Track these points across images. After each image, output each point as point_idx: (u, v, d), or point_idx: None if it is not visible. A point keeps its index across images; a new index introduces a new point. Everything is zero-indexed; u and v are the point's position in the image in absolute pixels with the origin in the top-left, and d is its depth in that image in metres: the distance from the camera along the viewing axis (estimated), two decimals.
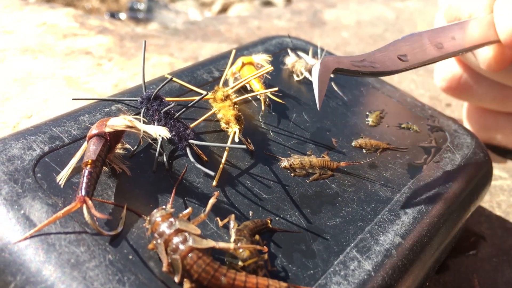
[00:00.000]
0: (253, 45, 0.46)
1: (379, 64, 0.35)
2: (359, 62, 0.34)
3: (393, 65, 0.36)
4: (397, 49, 0.37)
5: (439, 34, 0.40)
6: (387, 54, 0.36)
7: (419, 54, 0.37)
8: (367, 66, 0.34)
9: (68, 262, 0.24)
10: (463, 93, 0.54)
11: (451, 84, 0.54)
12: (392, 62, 0.36)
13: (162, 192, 0.30)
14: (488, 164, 0.40)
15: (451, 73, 0.54)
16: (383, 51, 0.36)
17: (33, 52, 0.60)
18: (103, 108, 0.34)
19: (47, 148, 0.30)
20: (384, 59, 0.35)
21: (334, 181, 0.34)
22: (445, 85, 0.54)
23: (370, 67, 0.34)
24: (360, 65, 0.34)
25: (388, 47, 0.36)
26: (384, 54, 0.36)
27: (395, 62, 0.36)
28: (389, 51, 0.36)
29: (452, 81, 0.54)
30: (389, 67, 0.35)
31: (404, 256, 0.30)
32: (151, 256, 0.26)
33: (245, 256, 0.26)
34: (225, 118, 0.34)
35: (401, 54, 0.36)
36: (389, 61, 0.36)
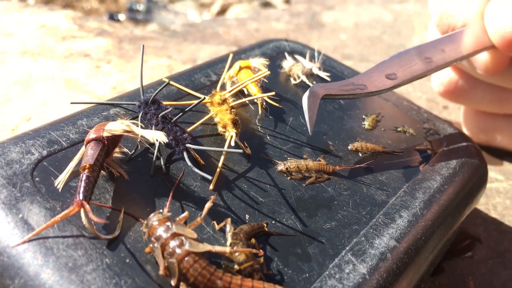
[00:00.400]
0: (250, 48, 0.47)
1: (367, 84, 0.36)
2: (347, 86, 0.35)
3: (381, 85, 0.37)
4: (385, 69, 0.38)
5: (427, 49, 0.41)
6: (375, 75, 0.37)
7: (407, 70, 0.38)
8: (355, 89, 0.36)
9: (66, 265, 0.25)
10: (461, 97, 0.55)
11: (448, 88, 0.54)
12: (380, 82, 0.37)
13: (160, 196, 0.30)
14: (483, 168, 0.41)
15: (448, 78, 0.54)
16: (371, 72, 0.37)
17: (32, 55, 0.60)
18: (101, 112, 0.35)
19: (46, 152, 0.30)
20: (371, 80, 0.37)
21: (330, 185, 0.34)
22: (442, 89, 0.55)
23: (358, 89, 0.36)
24: (348, 88, 0.35)
25: (375, 68, 0.38)
26: (372, 75, 0.37)
27: (383, 82, 0.37)
28: (376, 72, 0.37)
29: (449, 85, 0.54)
30: (377, 87, 0.37)
31: (399, 260, 0.30)
32: (148, 259, 0.26)
33: (241, 260, 0.26)
34: (222, 122, 0.34)
35: (388, 73, 0.38)
36: (377, 81, 0.37)
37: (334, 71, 0.47)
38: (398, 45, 0.84)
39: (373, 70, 0.37)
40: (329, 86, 0.35)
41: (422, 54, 0.40)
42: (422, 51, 0.40)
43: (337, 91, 0.35)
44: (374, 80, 0.37)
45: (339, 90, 0.35)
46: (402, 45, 0.84)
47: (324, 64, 0.47)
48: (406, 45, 0.84)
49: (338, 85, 0.35)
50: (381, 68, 0.38)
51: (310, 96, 0.33)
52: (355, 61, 0.77)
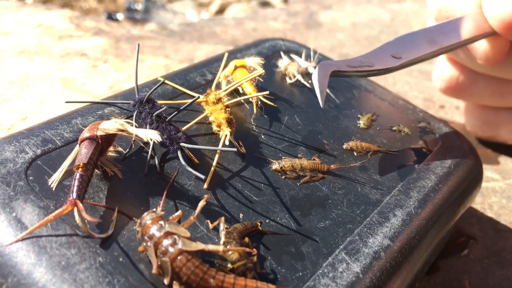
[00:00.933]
0: (246, 47, 0.47)
1: (374, 63, 0.37)
2: (355, 63, 0.37)
3: (388, 63, 0.38)
4: (391, 48, 0.39)
5: (432, 32, 0.42)
6: (381, 54, 0.38)
7: (412, 51, 0.39)
8: (362, 66, 0.37)
9: (59, 264, 0.25)
10: (462, 92, 0.55)
11: (449, 84, 0.55)
12: (386, 61, 0.38)
13: (154, 195, 0.30)
14: (478, 167, 0.41)
15: (448, 74, 0.54)
16: (377, 52, 0.38)
17: (29, 54, 0.60)
18: (96, 111, 0.35)
19: (40, 151, 0.30)
20: (378, 59, 0.38)
21: (324, 184, 0.34)
22: (444, 86, 0.55)
23: (365, 66, 0.37)
24: (356, 65, 0.36)
25: (382, 48, 0.39)
26: (378, 54, 0.38)
27: (390, 60, 0.38)
28: (383, 51, 0.38)
29: (450, 81, 0.54)
30: (384, 65, 0.38)
31: (392, 258, 0.30)
32: (141, 258, 0.26)
33: (234, 259, 0.26)
34: (217, 121, 0.34)
35: (395, 53, 0.38)
36: (384, 60, 0.38)
37: None
38: None
39: (379, 50, 0.39)
40: (337, 63, 0.36)
41: (427, 37, 0.41)
42: (427, 34, 0.41)
43: (345, 68, 0.36)
44: (381, 59, 0.38)
45: (347, 66, 0.36)
46: None
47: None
48: None
49: (345, 62, 0.36)
50: (387, 48, 0.39)
51: (320, 71, 0.35)
52: None
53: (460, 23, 0.44)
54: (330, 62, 0.36)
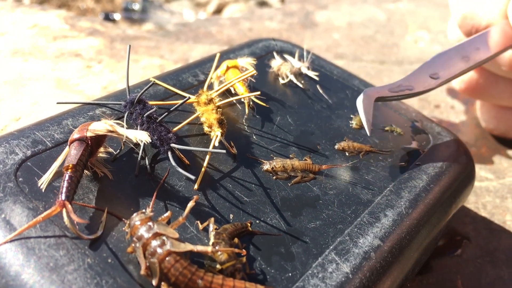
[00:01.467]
0: (239, 48, 0.47)
1: (414, 85, 0.40)
2: (396, 88, 0.39)
3: (426, 84, 0.40)
4: (428, 69, 0.41)
5: (464, 48, 0.44)
6: (420, 76, 0.41)
7: (448, 70, 0.42)
8: (403, 90, 0.39)
9: (47, 265, 0.25)
10: (481, 93, 0.57)
11: (469, 85, 0.56)
12: (425, 82, 0.40)
13: (144, 196, 0.30)
14: (471, 167, 0.41)
15: (468, 76, 0.56)
16: (416, 74, 0.41)
17: (23, 54, 0.60)
18: (87, 112, 0.35)
19: (30, 152, 0.30)
20: (417, 81, 0.40)
21: (315, 184, 0.34)
22: (463, 87, 0.57)
23: (406, 90, 0.39)
24: (398, 90, 0.39)
25: (420, 69, 0.41)
26: (417, 76, 0.41)
27: (428, 81, 0.40)
28: (421, 73, 0.41)
29: (470, 83, 0.56)
30: (423, 87, 0.40)
31: (382, 259, 0.30)
32: (130, 259, 0.26)
33: (223, 259, 0.26)
34: (208, 121, 0.34)
35: (432, 73, 0.41)
36: (422, 82, 0.40)
37: (323, 70, 0.47)
38: (392, 44, 0.84)
39: (418, 72, 0.41)
40: (380, 89, 0.38)
41: (460, 54, 0.43)
42: (460, 51, 0.44)
43: (388, 93, 0.38)
44: (420, 80, 0.40)
45: (389, 92, 0.38)
46: (395, 44, 0.84)
47: (313, 63, 0.47)
48: (399, 44, 0.84)
49: (388, 88, 0.39)
50: (424, 69, 0.41)
51: (365, 98, 0.37)
52: (348, 61, 0.77)
53: (488, 37, 0.46)
54: (373, 89, 0.38)
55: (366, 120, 0.36)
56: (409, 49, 0.83)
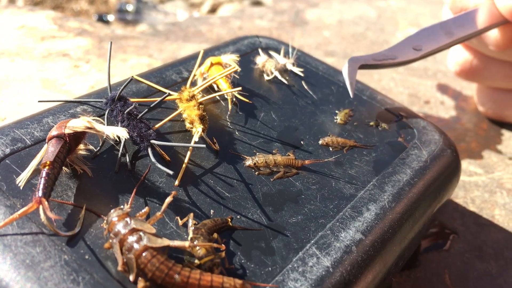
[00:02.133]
0: (224, 45, 0.47)
1: (397, 55, 0.41)
2: (380, 57, 0.41)
3: (409, 55, 0.42)
4: (411, 42, 0.43)
5: (449, 24, 0.46)
6: (403, 47, 0.42)
7: (431, 42, 0.43)
8: (387, 59, 0.41)
9: (23, 262, 0.25)
10: (476, 75, 0.59)
11: (463, 67, 0.58)
12: (408, 53, 0.42)
13: (124, 192, 0.30)
14: (456, 161, 0.41)
15: (463, 58, 0.58)
16: (400, 45, 0.42)
17: (10, 55, 0.60)
18: (67, 110, 0.34)
19: (9, 150, 0.30)
20: (401, 52, 0.42)
21: (298, 179, 0.34)
22: (458, 69, 0.59)
23: (389, 59, 0.41)
24: (381, 59, 0.40)
25: (404, 41, 0.43)
26: (401, 48, 0.42)
27: (411, 52, 0.42)
28: (404, 45, 0.42)
29: (465, 65, 0.58)
30: (406, 57, 0.41)
31: (364, 252, 0.30)
32: (108, 256, 0.26)
33: (201, 254, 0.26)
34: (190, 118, 0.34)
35: (415, 45, 0.42)
36: (406, 52, 0.42)
37: (308, 66, 0.47)
38: (382, 41, 0.84)
39: (402, 43, 0.42)
40: (364, 57, 0.40)
41: (444, 29, 0.45)
42: (444, 26, 0.45)
43: (372, 61, 0.40)
44: (403, 51, 0.42)
45: (373, 60, 0.40)
46: (386, 41, 0.84)
47: (299, 59, 0.47)
48: (390, 41, 0.84)
49: (372, 57, 0.40)
50: (408, 41, 0.43)
51: (350, 65, 0.39)
52: (338, 58, 0.77)
53: (474, 15, 0.47)
54: (358, 57, 0.40)
55: (349, 83, 0.38)
56: None
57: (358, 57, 0.40)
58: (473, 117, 0.65)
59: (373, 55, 0.41)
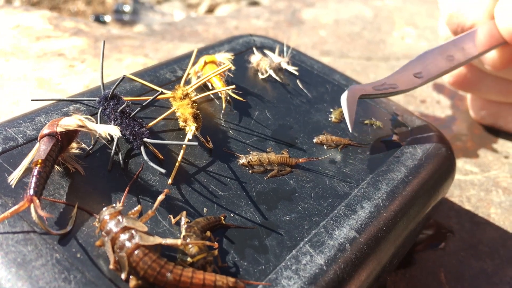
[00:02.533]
0: (219, 44, 0.47)
1: (398, 84, 0.40)
2: (380, 86, 0.40)
3: (410, 83, 0.41)
4: (412, 68, 0.42)
5: (449, 48, 0.45)
6: (404, 74, 0.41)
7: (432, 69, 0.42)
8: (387, 88, 0.40)
9: (15, 261, 0.24)
10: (469, 87, 0.59)
11: (457, 80, 0.58)
12: (409, 81, 0.41)
13: (117, 191, 0.30)
14: (451, 159, 0.41)
15: (457, 70, 0.57)
16: (400, 72, 0.41)
17: (5, 55, 0.60)
18: (60, 109, 0.34)
19: (0, 148, 0.30)
20: (401, 79, 0.41)
21: (292, 177, 0.34)
22: (452, 80, 0.59)
23: (390, 88, 0.40)
24: (382, 88, 0.39)
25: (404, 69, 0.42)
26: (401, 75, 0.41)
27: (412, 80, 0.41)
28: (405, 72, 0.42)
29: (459, 77, 0.58)
30: (407, 86, 0.41)
31: (358, 250, 0.30)
32: (100, 254, 0.26)
33: (193, 252, 0.26)
34: (183, 116, 0.34)
35: (416, 73, 0.42)
36: (406, 80, 0.41)
37: (303, 65, 0.47)
38: (378, 40, 0.84)
39: (402, 70, 0.41)
40: (364, 87, 0.39)
41: (444, 53, 0.44)
42: (444, 50, 0.44)
43: (372, 91, 0.39)
44: (404, 79, 0.41)
45: (373, 90, 0.39)
46: (382, 40, 0.84)
47: (294, 58, 0.47)
48: (386, 40, 0.84)
49: (372, 85, 0.39)
50: (408, 68, 0.42)
51: (349, 96, 0.37)
52: (335, 57, 0.77)
53: (474, 37, 0.47)
54: (358, 87, 0.38)
55: (349, 117, 0.37)
56: (395, 45, 0.83)
57: (357, 86, 0.39)
58: (468, 116, 0.65)
59: (373, 84, 0.39)
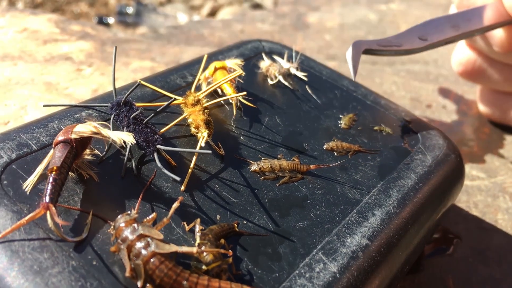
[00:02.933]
0: (228, 49, 0.47)
1: (403, 43, 0.40)
2: (385, 43, 0.40)
3: (414, 44, 0.41)
4: (417, 31, 0.42)
5: (455, 18, 0.46)
6: (409, 36, 0.42)
7: (437, 34, 0.43)
8: (391, 46, 0.40)
9: (31, 268, 0.25)
10: (478, 76, 0.59)
11: (466, 68, 0.59)
12: (414, 41, 0.41)
13: (130, 198, 0.30)
14: (460, 165, 0.41)
15: (466, 58, 0.59)
16: (406, 34, 0.42)
17: (12, 59, 0.60)
18: (73, 115, 0.34)
19: (15, 155, 0.30)
20: (406, 40, 0.41)
21: (303, 184, 0.34)
22: (461, 69, 0.59)
23: (394, 46, 0.40)
24: (386, 45, 0.40)
25: (410, 30, 0.42)
26: (406, 36, 0.41)
27: (417, 41, 0.41)
28: (411, 34, 0.42)
29: (467, 65, 0.59)
30: (411, 46, 0.41)
31: (370, 258, 0.30)
32: (115, 261, 0.26)
33: (208, 260, 0.26)
34: (195, 122, 0.34)
35: (421, 35, 0.42)
36: (411, 41, 0.41)
37: (312, 71, 0.47)
38: None
39: (408, 32, 0.42)
40: (369, 42, 0.39)
41: (451, 22, 0.45)
42: (451, 20, 0.45)
43: (376, 47, 0.39)
44: (409, 40, 0.41)
45: (377, 45, 0.39)
46: None
47: (302, 64, 0.47)
48: None
49: (377, 42, 0.40)
50: (415, 30, 0.42)
51: (354, 48, 0.38)
52: (340, 62, 0.77)
53: (481, 11, 0.47)
54: (362, 41, 0.39)
55: (352, 66, 0.37)
56: None
57: (362, 41, 0.39)
58: (475, 121, 0.66)
59: (378, 41, 0.40)
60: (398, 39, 0.41)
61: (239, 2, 1.72)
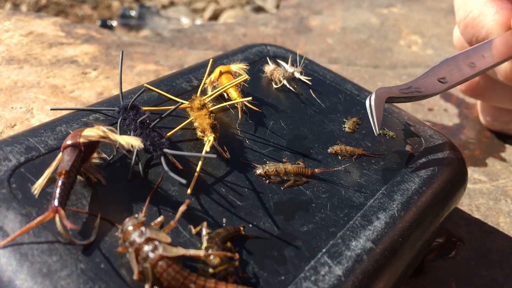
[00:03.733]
0: (233, 53, 0.47)
1: (423, 88, 0.41)
2: (406, 90, 0.40)
3: (435, 88, 0.41)
4: (436, 73, 0.43)
5: (470, 55, 0.46)
6: (428, 79, 0.42)
7: (455, 75, 0.43)
8: (413, 92, 0.40)
9: (40, 271, 0.25)
10: (481, 95, 0.60)
11: (469, 87, 0.59)
12: (433, 85, 0.42)
13: (137, 201, 0.30)
14: (463, 169, 0.41)
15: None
16: (425, 77, 0.42)
17: (18, 62, 0.60)
18: (80, 118, 0.35)
19: (23, 158, 0.31)
20: (426, 84, 0.41)
21: (308, 188, 0.35)
22: (464, 88, 0.60)
23: (416, 92, 0.40)
24: (408, 91, 0.40)
25: (428, 73, 0.43)
26: (426, 79, 0.42)
27: (436, 85, 0.42)
28: (430, 77, 0.42)
29: (471, 85, 0.59)
30: (432, 90, 0.41)
31: (375, 261, 0.30)
32: (123, 264, 0.26)
33: (215, 263, 0.26)
34: (201, 126, 0.35)
35: (440, 77, 0.42)
36: (431, 85, 0.42)
37: (316, 75, 0.47)
38: (385, 48, 0.84)
39: (427, 75, 0.42)
40: (391, 89, 0.39)
41: (467, 60, 0.45)
42: (467, 57, 0.46)
43: (398, 94, 0.39)
44: (428, 84, 0.41)
45: (400, 93, 0.39)
46: (389, 48, 0.85)
47: (306, 68, 0.48)
48: (393, 48, 0.85)
49: (398, 88, 0.40)
50: (433, 73, 0.43)
51: (376, 98, 0.37)
52: (342, 65, 0.77)
53: (493, 45, 0.48)
54: (385, 89, 0.39)
55: (376, 120, 0.37)
56: (402, 53, 0.83)
57: (384, 89, 0.39)
58: (476, 124, 0.66)
59: (399, 87, 0.40)
60: (418, 84, 0.41)
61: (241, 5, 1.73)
